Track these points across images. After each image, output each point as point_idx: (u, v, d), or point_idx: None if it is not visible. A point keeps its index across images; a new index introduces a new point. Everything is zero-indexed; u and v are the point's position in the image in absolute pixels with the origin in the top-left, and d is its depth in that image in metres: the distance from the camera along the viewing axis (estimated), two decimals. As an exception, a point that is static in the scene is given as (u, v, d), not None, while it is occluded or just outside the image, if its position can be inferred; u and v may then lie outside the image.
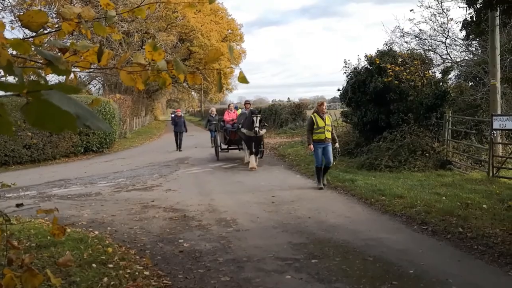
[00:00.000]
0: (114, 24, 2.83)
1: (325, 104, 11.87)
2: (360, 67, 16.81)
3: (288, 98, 32.21)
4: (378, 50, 16.73)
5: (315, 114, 11.60)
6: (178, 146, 23.60)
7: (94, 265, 5.94)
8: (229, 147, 18.40)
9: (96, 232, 7.90)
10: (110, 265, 6.01)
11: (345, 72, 17.12)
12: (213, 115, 23.27)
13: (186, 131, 24.37)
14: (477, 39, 17.69)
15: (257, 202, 10.29)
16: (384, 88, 15.25)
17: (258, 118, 15.08)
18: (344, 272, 5.77)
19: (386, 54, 16.36)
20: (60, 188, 13.26)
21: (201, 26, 43.55)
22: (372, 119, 15.72)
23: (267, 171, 15.16)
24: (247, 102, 18.27)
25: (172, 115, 46.30)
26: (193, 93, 67.78)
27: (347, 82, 17.05)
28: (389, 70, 15.44)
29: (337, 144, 11.87)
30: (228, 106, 19.70)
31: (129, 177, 14.82)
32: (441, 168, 13.11)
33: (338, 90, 17.72)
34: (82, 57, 2.54)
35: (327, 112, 11.85)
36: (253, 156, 15.39)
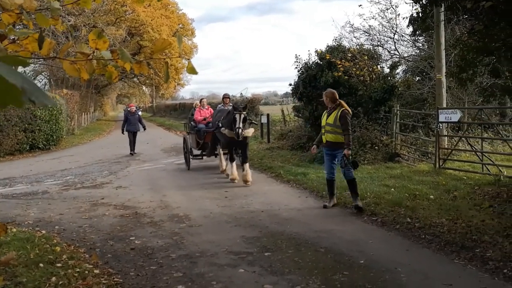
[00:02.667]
0: (59, 16, 2.72)
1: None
2: (311, 62, 17.01)
3: (241, 93, 32.00)
4: (328, 46, 16.98)
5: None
6: (133, 147, 19.79)
7: (41, 264, 5.74)
8: (204, 153, 14.50)
9: (44, 232, 7.63)
10: (58, 265, 5.82)
11: (296, 67, 17.30)
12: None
13: (144, 129, 20.59)
14: (424, 34, 18.22)
15: (210, 197, 10.23)
16: (334, 82, 15.47)
17: (242, 116, 11.24)
18: (297, 264, 5.82)
19: (336, 50, 16.62)
20: (5, 187, 12.75)
21: (151, 20, 42.86)
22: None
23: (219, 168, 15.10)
24: (226, 97, 14.18)
25: (125, 111, 44.92)
26: (144, 88, 66.70)
27: (299, 77, 17.22)
28: (339, 65, 15.70)
29: (346, 151, 8.41)
30: (200, 101, 15.26)
31: (77, 175, 14.41)
32: (390, 160, 13.44)
33: (290, 85, 17.87)
34: (22, 47, 2.43)
35: (337, 107, 8.67)
36: (234, 164, 11.98)
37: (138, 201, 10.15)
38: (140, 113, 21.50)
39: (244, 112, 11.35)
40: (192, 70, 2.16)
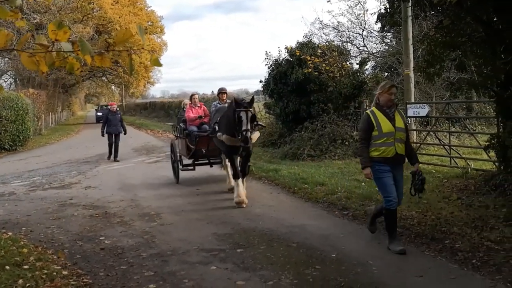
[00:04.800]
0: (18, 9, 2.61)
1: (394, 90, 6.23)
2: (281, 59, 17.02)
3: (212, 91, 31.87)
4: (298, 42, 17.02)
5: (374, 109, 6.23)
6: (113, 154, 17.15)
7: (7, 267, 5.57)
8: (196, 162, 11.52)
9: (10, 233, 7.41)
10: (25, 267, 5.66)
11: (266, 64, 17.30)
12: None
13: (125, 133, 17.61)
14: (392, 30, 18.48)
15: (181, 195, 10.13)
16: (304, 79, 15.55)
17: (249, 114, 8.55)
18: (269, 260, 5.80)
19: (306, 46, 16.67)
20: (-31, 189, 12.36)
21: (119, 17, 42.20)
22: (294, 110, 15.98)
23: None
24: (222, 91, 11.26)
25: (99, 112, 43.60)
26: (113, 87, 65.71)
27: (269, 74, 17.23)
28: (309, 62, 15.77)
29: (417, 165, 6.43)
30: (191, 97, 12.00)
31: (45, 175, 14.08)
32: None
33: (261, 81, 17.87)
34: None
35: (396, 106, 6.37)
36: (240, 181, 8.94)
37: (107, 200, 9.98)
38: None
39: (251, 109, 8.63)
40: (156, 62, 2.10)
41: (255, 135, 9.53)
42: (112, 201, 9.87)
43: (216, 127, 9.62)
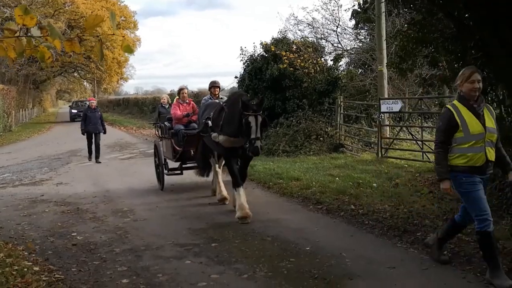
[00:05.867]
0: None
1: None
2: (256, 54, 17.01)
3: (187, 87, 31.51)
4: (273, 38, 17.04)
5: (457, 103, 4.88)
6: (95, 154, 15.56)
7: (-24, 264, 5.44)
8: (183, 166, 10.18)
9: (-21, 231, 7.25)
10: (-5, 263, 5.53)
11: (241, 60, 17.26)
12: (166, 107, 12.85)
13: (104, 132, 15.87)
14: (365, 27, 18.63)
15: (155, 191, 10.05)
16: (280, 75, 15.58)
17: (260, 119, 7.09)
18: (244, 253, 5.80)
19: (281, 42, 16.71)
20: None
21: (92, 12, 41.54)
22: (269, 106, 15.97)
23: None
24: (215, 85, 9.73)
25: (74, 109, 41.53)
26: (85, 83, 64.69)
27: (244, 70, 17.21)
28: (284, 58, 15.80)
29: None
30: (179, 92, 10.68)
31: (15, 172, 13.80)
32: (334, 151, 13.66)
33: (236, 77, 17.81)
34: None
35: (482, 101, 4.90)
36: (241, 190, 7.56)
37: (79, 197, 9.84)
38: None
39: (260, 113, 7.19)
40: (128, 49, 2.06)
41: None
42: (84, 197, 9.74)
43: (209, 122, 8.15)
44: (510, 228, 5.91)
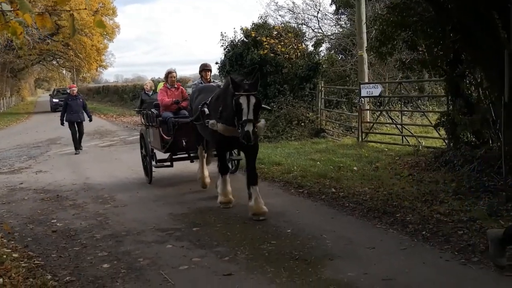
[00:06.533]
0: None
1: None
2: (236, 40, 16.92)
3: (175, 71, 31.03)
4: (254, 23, 16.96)
5: None
6: (77, 144, 14.58)
7: (-47, 252, 5.36)
8: (173, 157, 9.30)
9: (-44, 219, 7.14)
10: (-27, 251, 5.46)
11: (222, 45, 17.16)
12: (150, 93, 13.05)
13: (90, 120, 15.10)
14: (346, 13, 18.64)
15: (136, 178, 9.98)
16: (260, 60, 15.53)
17: (253, 100, 6.28)
18: (225, 237, 5.82)
19: (262, 27, 16.64)
20: None
21: (76, 10, 40.76)
22: (250, 92, 15.95)
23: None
24: (206, 69, 9.27)
25: (55, 98, 39.10)
26: (64, 71, 63.73)
27: (225, 55, 17.12)
28: (265, 43, 15.75)
29: None
30: (167, 76, 9.71)
31: (-7, 161, 13.58)
32: (316, 136, 13.72)
33: (217, 63, 17.70)
34: None
35: None
36: (227, 178, 7.26)
37: (59, 184, 9.74)
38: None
39: (255, 93, 6.39)
40: (101, 24, 2.03)
41: (261, 124, 6.95)
42: (64, 185, 9.65)
43: (205, 109, 7.38)
44: (487, 208, 6.01)
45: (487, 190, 6.64)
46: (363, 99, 12.68)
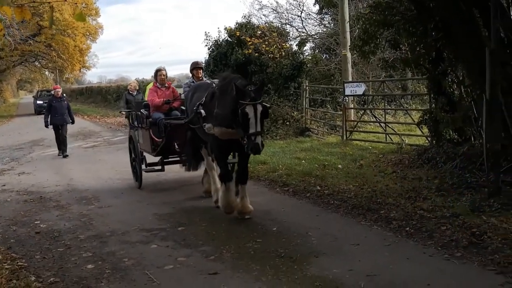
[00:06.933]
0: None
1: None
2: (221, 39, 16.90)
3: (152, 76, 30.96)
4: (238, 23, 16.95)
5: None
6: (62, 147, 13.88)
7: None
8: (164, 161, 8.70)
9: None
10: (-46, 254, 5.39)
11: (206, 45, 17.14)
12: (134, 93, 12.57)
13: (72, 122, 14.37)
14: (329, 13, 18.73)
15: (120, 178, 9.91)
16: (245, 60, 15.54)
17: (260, 109, 5.79)
18: (210, 236, 5.82)
19: (245, 27, 16.65)
20: None
21: (54, 1, 40.30)
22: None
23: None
24: (197, 67, 8.72)
25: (39, 100, 37.74)
26: (46, 72, 63.01)
27: (209, 55, 17.10)
28: (249, 43, 15.75)
29: None
30: (156, 74, 9.10)
31: (-26, 163, 13.38)
32: (301, 135, 13.77)
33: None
34: None
35: None
36: (231, 186, 6.53)
37: (42, 186, 9.64)
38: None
39: (260, 101, 5.87)
40: (81, 17, 2.01)
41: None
42: (48, 186, 9.55)
43: (202, 111, 6.82)
44: (469, 204, 6.09)
45: (470, 187, 6.74)
46: (347, 98, 12.77)
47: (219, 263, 4.95)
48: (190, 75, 8.96)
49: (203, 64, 8.93)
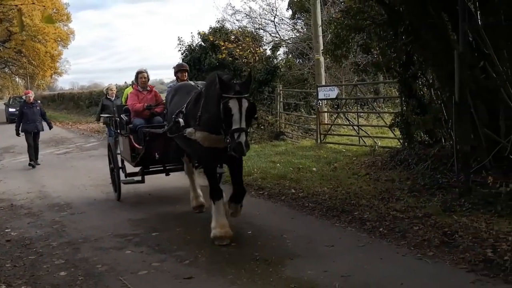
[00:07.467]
0: None
1: None
2: (194, 44, 16.90)
3: (125, 82, 30.71)
4: (211, 27, 16.99)
5: None
6: (32, 157, 12.84)
7: None
8: (145, 171, 8.02)
9: None
10: None
11: (179, 50, 17.10)
12: (112, 98, 12.17)
13: (50, 127, 13.64)
14: (302, 18, 18.89)
15: (93, 185, 9.78)
16: (219, 64, 15.57)
17: (246, 104, 5.08)
18: (185, 241, 5.79)
19: (219, 31, 16.70)
20: None
21: (21, 4, 39.69)
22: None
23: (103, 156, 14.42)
24: (182, 69, 8.24)
25: (11, 108, 35.79)
26: (17, 79, 61.86)
27: (182, 60, 17.01)
28: (223, 47, 15.79)
29: None
30: (137, 76, 8.34)
31: None
32: (275, 139, 13.83)
33: (174, 68, 17.56)
34: None
35: None
36: (221, 204, 5.76)
37: (13, 193, 9.43)
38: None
39: (247, 95, 5.21)
40: (49, 20, 1.99)
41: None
42: (19, 194, 9.35)
43: (180, 120, 6.14)
44: (441, 204, 6.20)
45: (441, 187, 6.87)
46: (320, 102, 12.88)
47: (194, 267, 4.93)
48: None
49: (188, 67, 8.49)
